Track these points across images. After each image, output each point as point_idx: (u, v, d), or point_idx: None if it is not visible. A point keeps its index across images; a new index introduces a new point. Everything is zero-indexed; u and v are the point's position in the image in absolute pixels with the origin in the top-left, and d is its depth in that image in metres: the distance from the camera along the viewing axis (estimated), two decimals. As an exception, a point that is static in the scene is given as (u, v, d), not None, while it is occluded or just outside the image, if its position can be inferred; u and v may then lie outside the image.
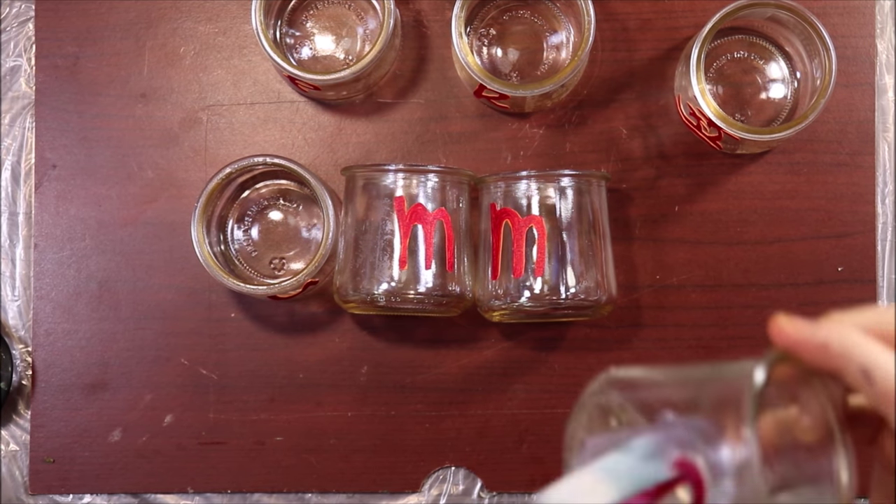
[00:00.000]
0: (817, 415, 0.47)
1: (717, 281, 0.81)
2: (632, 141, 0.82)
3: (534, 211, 0.75)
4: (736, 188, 0.82)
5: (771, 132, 0.76)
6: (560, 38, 0.82)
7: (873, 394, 0.44)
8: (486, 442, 0.81)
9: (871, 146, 0.82)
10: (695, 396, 0.45)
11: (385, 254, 0.75)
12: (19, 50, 0.84)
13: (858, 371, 0.44)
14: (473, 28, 0.82)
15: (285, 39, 0.82)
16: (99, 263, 0.83)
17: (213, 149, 0.83)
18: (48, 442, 0.82)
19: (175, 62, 0.84)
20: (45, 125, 0.83)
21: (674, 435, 0.44)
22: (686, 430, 0.44)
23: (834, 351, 0.45)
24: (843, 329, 0.45)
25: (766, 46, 0.81)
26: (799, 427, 0.48)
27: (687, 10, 0.83)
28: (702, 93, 0.75)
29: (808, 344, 0.45)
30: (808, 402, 0.47)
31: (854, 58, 0.82)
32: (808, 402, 0.47)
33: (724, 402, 0.43)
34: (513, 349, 0.82)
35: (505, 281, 0.76)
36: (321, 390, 0.82)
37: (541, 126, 0.82)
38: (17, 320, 0.83)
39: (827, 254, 0.81)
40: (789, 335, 0.46)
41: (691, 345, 0.81)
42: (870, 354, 0.44)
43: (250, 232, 0.82)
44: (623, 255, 0.81)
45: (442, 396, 0.82)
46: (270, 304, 0.82)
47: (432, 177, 0.76)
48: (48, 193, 0.83)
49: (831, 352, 0.45)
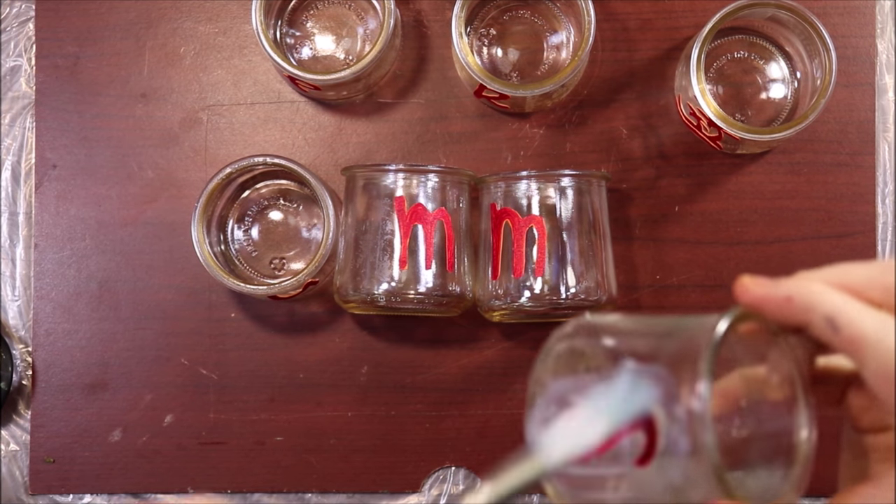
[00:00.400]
0: (784, 373, 0.48)
1: (718, 281, 0.81)
2: (632, 141, 0.82)
3: (534, 211, 0.75)
4: (736, 188, 0.82)
5: (771, 132, 0.76)
6: (560, 38, 0.82)
7: (839, 341, 0.45)
8: (487, 442, 0.81)
9: (871, 146, 0.82)
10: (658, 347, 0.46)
11: (385, 254, 0.75)
12: (19, 50, 0.84)
13: (823, 320, 0.45)
14: (474, 28, 0.82)
15: (285, 39, 0.82)
16: (99, 263, 0.83)
17: (213, 149, 0.83)
18: (48, 442, 0.82)
19: (175, 62, 0.84)
20: (45, 125, 0.83)
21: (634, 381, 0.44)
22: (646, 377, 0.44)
23: (798, 303, 0.45)
24: (806, 282, 0.46)
25: (766, 46, 0.81)
26: (767, 385, 0.48)
27: (687, 10, 0.83)
28: (702, 93, 0.75)
29: (773, 298, 0.46)
30: (776, 360, 0.48)
31: (854, 58, 0.82)
32: (776, 361, 0.48)
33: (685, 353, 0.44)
34: (513, 349, 0.82)
35: (505, 281, 0.76)
36: (321, 390, 0.82)
37: (541, 126, 0.82)
38: (17, 320, 0.83)
39: (827, 254, 0.81)
40: (753, 292, 0.47)
41: (691, 345, 0.81)
42: (833, 303, 0.45)
43: (250, 232, 0.82)
44: (623, 255, 0.81)
45: (442, 396, 0.82)
46: (270, 304, 0.82)
47: (432, 177, 0.76)
48: (48, 193, 0.83)
49: (795, 304, 0.45)
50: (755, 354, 0.48)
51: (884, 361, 0.43)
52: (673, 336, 0.46)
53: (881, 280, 0.46)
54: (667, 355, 0.45)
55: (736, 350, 0.48)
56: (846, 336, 0.44)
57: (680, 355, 0.44)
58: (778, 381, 0.48)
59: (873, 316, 0.44)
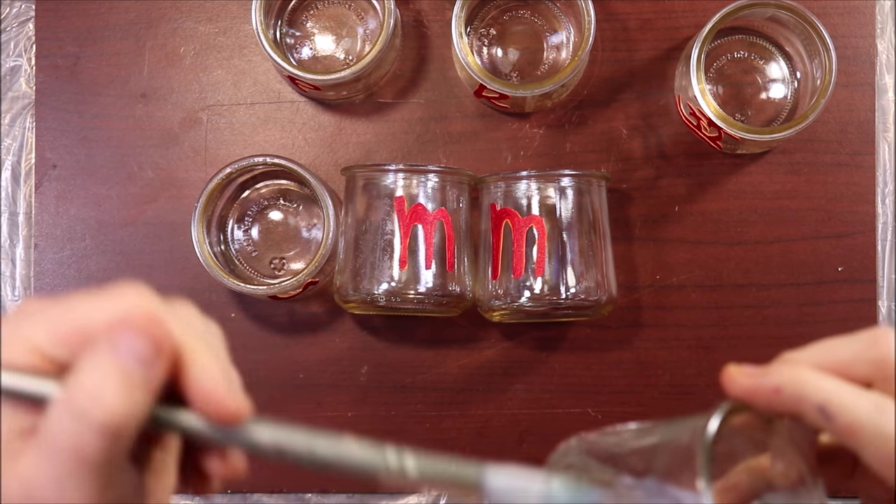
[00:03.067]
0: (788, 458, 0.47)
1: (718, 281, 0.81)
2: (632, 141, 0.82)
3: (534, 211, 0.75)
4: (736, 188, 0.82)
5: (771, 132, 0.76)
6: (560, 38, 0.82)
7: (834, 429, 0.44)
8: (487, 442, 0.81)
9: (871, 146, 0.82)
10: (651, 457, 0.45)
11: (385, 254, 0.75)
12: (19, 50, 0.84)
13: (815, 410, 0.44)
14: (474, 28, 0.82)
15: (285, 39, 0.82)
16: (99, 263, 0.83)
17: (213, 149, 0.83)
18: (48, 442, 0.82)
19: (175, 62, 0.84)
20: (45, 125, 0.83)
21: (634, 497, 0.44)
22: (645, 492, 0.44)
23: (788, 393, 0.44)
24: (793, 370, 0.45)
25: (766, 46, 0.81)
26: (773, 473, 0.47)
27: (687, 10, 0.83)
28: (702, 93, 0.75)
29: (762, 390, 0.45)
30: (777, 447, 0.47)
31: (854, 58, 0.82)
32: (778, 448, 0.47)
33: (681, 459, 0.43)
34: (513, 349, 0.82)
35: (505, 281, 0.76)
36: (321, 390, 0.82)
37: (541, 126, 0.82)
38: (17, 320, 0.83)
39: (827, 254, 0.81)
40: (741, 384, 0.45)
41: (691, 345, 0.81)
42: (823, 391, 0.44)
43: (250, 232, 0.82)
44: (623, 255, 0.81)
45: (442, 396, 0.82)
46: (270, 304, 0.82)
47: (432, 177, 0.76)
48: (48, 193, 0.83)
49: (785, 395, 0.44)
50: (755, 444, 0.48)
51: (882, 446, 0.43)
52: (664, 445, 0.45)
53: (867, 355, 0.45)
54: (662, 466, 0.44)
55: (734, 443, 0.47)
56: (840, 424, 0.43)
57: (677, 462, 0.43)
58: (783, 468, 0.47)
59: (866, 399, 0.43)
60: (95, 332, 0.40)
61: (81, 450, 0.38)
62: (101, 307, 0.41)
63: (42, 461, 0.39)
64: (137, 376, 0.40)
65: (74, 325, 0.41)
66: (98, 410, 0.38)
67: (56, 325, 0.41)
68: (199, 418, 0.42)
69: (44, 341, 0.41)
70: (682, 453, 0.43)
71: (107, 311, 0.41)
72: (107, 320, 0.41)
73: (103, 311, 0.41)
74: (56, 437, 0.39)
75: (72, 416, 0.39)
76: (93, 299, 0.42)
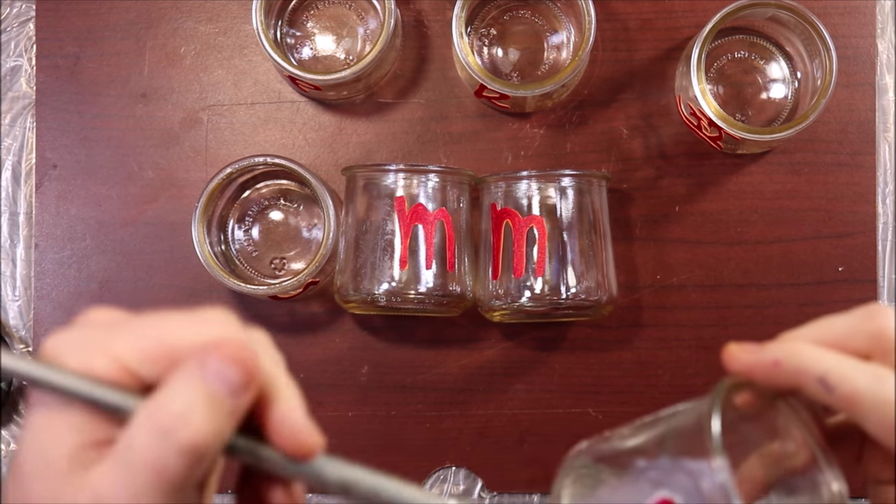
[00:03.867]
0: (797, 438, 0.47)
1: (718, 281, 0.81)
2: (632, 141, 0.82)
3: (534, 211, 0.75)
4: (736, 188, 0.82)
5: (771, 132, 0.76)
6: (561, 38, 0.82)
7: (835, 401, 0.44)
8: (487, 442, 0.81)
9: (871, 146, 0.82)
10: (660, 448, 0.45)
11: (386, 254, 0.75)
12: (20, 50, 0.84)
13: (815, 381, 0.44)
14: (474, 28, 0.82)
15: (286, 39, 0.82)
16: (99, 263, 0.83)
17: (213, 149, 0.83)
18: (49, 442, 0.82)
19: (175, 62, 0.84)
20: (45, 125, 0.83)
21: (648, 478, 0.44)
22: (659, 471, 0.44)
23: (787, 367, 0.45)
24: (792, 344, 0.45)
25: (766, 46, 0.81)
26: (785, 456, 0.48)
27: (687, 10, 0.83)
28: (702, 93, 0.75)
29: (762, 364, 0.45)
30: (785, 428, 0.47)
31: (854, 58, 0.82)
32: (786, 429, 0.47)
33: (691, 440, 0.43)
34: (513, 349, 0.82)
35: (505, 281, 0.76)
36: (321, 390, 0.82)
37: (541, 126, 0.82)
38: (17, 320, 0.83)
39: (827, 254, 0.81)
40: (742, 360, 0.46)
41: (691, 345, 0.81)
42: (823, 362, 0.44)
43: (251, 232, 0.82)
44: (623, 255, 0.81)
45: (442, 396, 0.82)
46: (271, 304, 0.82)
47: (433, 177, 0.76)
48: (49, 193, 0.83)
49: (785, 368, 0.45)
50: (763, 429, 0.48)
51: (884, 413, 0.43)
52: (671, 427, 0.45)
53: (864, 328, 0.45)
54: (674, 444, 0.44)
55: (743, 430, 0.48)
56: (841, 395, 0.44)
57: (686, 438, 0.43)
58: (794, 449, 0.47)
59: (865, 370, 0.44)
60: (184, 353, 0.40)
61: (162, 468, 0.38)
62: (190, 329, 0.41)
63: (120, 474, 0.39)
64: (227, 404, 0.40)
65: (163, 345, 0.41)
66: (184, 432, 0.39)
67: (144, 342, 0.41)
68: (275, 450, 0.42)
69: (129, 355, 0.41)
70: (690, 435, 0.43)
71: (197, 334, 0.41)
72: (197, 343, 0.40)
73: (193, 334, 0.41)
74: (138, 452, 0.39)
75: (157, 433, 0.39)
76: (181, 320, 0.42)
